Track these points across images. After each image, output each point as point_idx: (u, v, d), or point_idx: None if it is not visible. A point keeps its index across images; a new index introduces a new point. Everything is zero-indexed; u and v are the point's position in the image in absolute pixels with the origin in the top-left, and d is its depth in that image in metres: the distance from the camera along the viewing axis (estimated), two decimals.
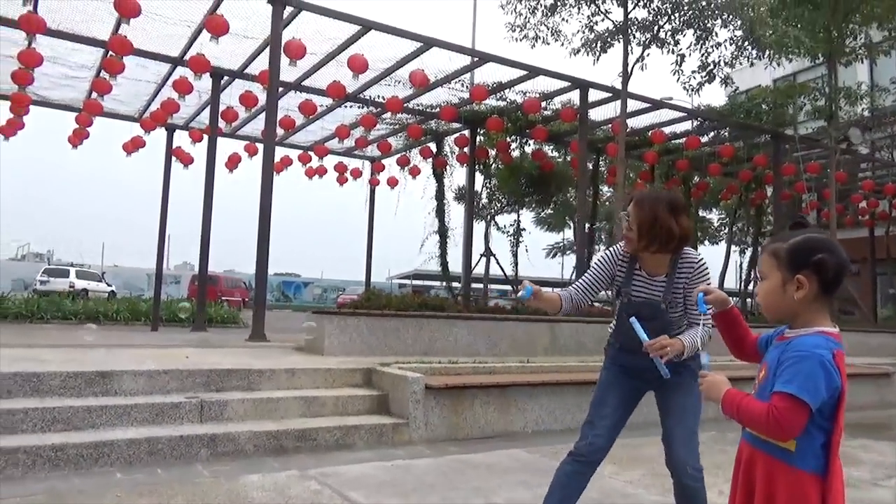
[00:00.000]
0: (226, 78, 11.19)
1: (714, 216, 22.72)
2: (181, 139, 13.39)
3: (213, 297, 21.71)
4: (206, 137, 11.81)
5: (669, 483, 4.34)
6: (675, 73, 11.76)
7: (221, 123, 11.93)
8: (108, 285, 31.21)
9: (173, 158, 13.30)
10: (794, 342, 1.73)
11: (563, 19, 11.59)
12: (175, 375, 5.22)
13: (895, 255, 18.02)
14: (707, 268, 2.86)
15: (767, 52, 11.77)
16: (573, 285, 2.96)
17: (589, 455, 2.89)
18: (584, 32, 11.72)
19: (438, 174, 14.89)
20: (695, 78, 11.71)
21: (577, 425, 6.22)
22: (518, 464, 4.81)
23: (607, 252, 2.95)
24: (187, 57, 10.07)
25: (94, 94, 11.31)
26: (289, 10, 8.94)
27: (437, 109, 12.43)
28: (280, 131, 12.81)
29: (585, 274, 2.96)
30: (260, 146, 10.19)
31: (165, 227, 13.41)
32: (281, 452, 4.84)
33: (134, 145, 13.04)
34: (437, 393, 5.59)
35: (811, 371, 1.63)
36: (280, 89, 10.64)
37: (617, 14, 11.43)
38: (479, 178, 15.43)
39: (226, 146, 13.94)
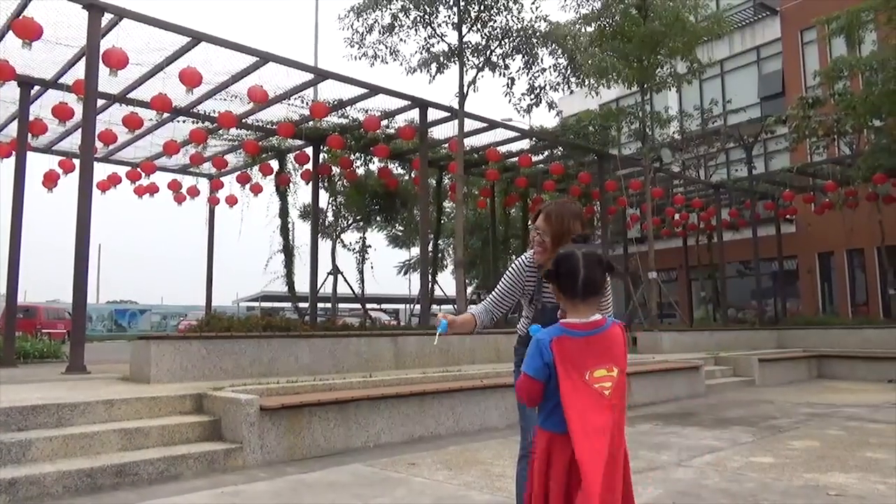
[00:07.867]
0: (37, 88, 10.21)
1: None
2: None
3: (30, 330, 19.54)
4: (14, 153, 10.67)
5: (500, 483, 4.55)
6: (506, 95, 12.44)
7: (32, 138, 10.84)
8: None
9: None
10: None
11: (400, 39, 11.86)
12: None
13: (705, 262, 20.17)
14: None
15: (588, 81, 12.78)
16: (485, 300, 3.10)
17: (529, 451, 3.08)
18: (421, 53, 12.07)
19: (282, 192, 14.61)
20: (524, 100, 12.44)
21: (418, 435, 6.38)
22: (355, 478, 4.78)
23: (514, 265, 3.08)
24: None
25: None
26: (108, 16, 8.37)
27: (276, 126, 12.17)
28: (102, 147, 11.92)
29: (496, 288, 3.08)
30: (77, 162, 9.37)
31: None
32: (96, 491, 4.44)
33: None
34: (274, 414, 5.41)
35: (531, 352, 2.23)
36: (101, 101, 9.93)
37: (452, 37, 11.91)
38: (324, 196, 15.32)
39: (42, 162, 12.71)
